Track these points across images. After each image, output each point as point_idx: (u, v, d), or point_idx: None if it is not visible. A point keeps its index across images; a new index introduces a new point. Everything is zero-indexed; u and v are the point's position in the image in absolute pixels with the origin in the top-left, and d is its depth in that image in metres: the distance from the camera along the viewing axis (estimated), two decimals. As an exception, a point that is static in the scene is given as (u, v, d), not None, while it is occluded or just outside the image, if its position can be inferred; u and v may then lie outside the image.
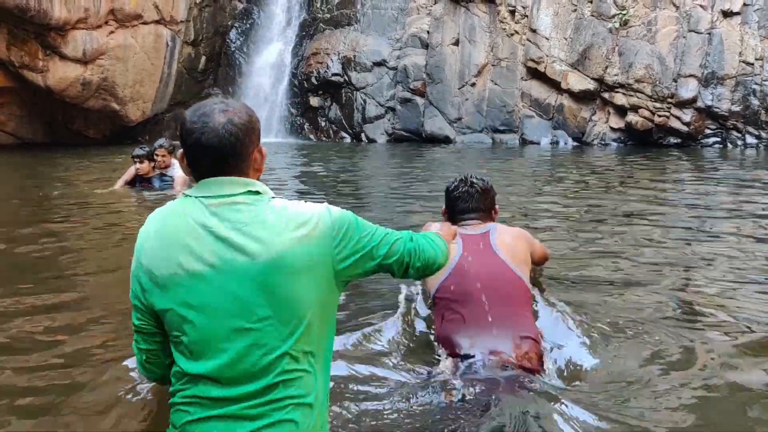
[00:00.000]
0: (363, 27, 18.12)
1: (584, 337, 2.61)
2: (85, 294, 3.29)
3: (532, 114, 15.86)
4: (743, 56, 13.57)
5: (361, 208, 5.71)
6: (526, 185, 8.39)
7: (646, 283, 3.52)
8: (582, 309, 2.96)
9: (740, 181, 8.20)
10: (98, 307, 2.96)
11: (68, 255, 4.21)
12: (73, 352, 2.47)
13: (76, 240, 4.74)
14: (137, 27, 15.64)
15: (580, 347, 2.54)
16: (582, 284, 3.46)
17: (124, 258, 3.89)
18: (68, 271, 3.80)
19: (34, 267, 3.87)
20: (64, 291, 3.30)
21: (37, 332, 2.69)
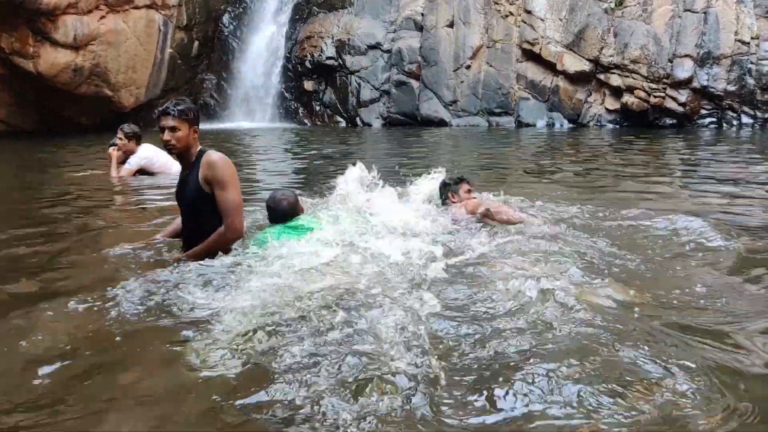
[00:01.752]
0: (357, 10, 17.98)
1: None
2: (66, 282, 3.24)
3: (528, 96, 15.79)
4: (739, 35, 13.53)
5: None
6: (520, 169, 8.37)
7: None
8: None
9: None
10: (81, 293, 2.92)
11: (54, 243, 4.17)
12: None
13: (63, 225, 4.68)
14: (129, 12, 15.48)
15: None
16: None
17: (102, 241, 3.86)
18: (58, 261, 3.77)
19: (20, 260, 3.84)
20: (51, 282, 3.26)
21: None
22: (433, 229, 4.02)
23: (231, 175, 3.47)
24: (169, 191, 5.93)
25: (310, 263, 3.15)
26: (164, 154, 7.11)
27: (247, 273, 3.06)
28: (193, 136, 3.54)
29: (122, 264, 3.45)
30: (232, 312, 2.57)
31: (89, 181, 6.97)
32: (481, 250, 3.53)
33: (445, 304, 2.67)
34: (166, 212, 4.91)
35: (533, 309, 2.52)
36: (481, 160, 9.12)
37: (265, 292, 2.78)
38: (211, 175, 3.43)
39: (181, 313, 2.62)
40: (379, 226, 3.92)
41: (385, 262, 3.20)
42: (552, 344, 2.18)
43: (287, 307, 2.61)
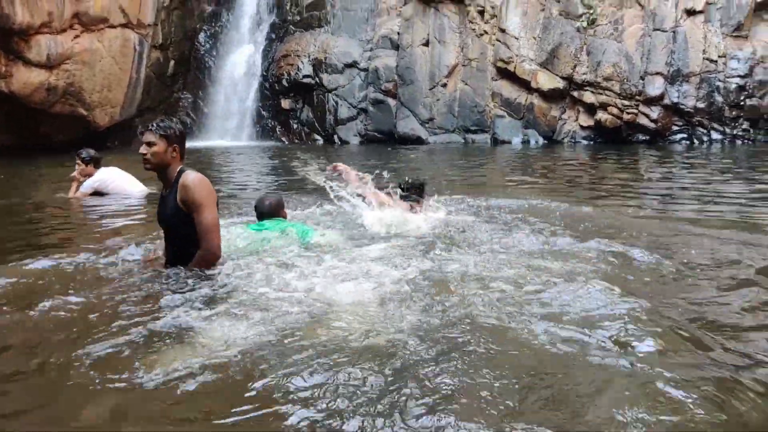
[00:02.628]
0: (333, 29, 18.10)
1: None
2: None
3: (503, 114, 15.96)
4: (707, 54, 13.83)
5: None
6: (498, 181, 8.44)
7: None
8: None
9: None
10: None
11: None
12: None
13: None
14: (103, 31, 15.39)
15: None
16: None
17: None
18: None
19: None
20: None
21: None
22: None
23: (206, 196, 3.47)
24: (112, 211, 6.05)
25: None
26: (121, 176, 7.25)
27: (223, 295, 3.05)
28: (171, 154, 3.53)
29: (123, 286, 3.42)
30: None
31: (46, 202, 7.03)
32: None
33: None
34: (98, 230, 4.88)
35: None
36: (458, 173, 9.19)
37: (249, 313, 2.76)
38: (187, 197, 3.43)
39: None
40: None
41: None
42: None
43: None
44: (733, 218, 5.16)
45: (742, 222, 4.96)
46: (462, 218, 4.97)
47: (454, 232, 4.51)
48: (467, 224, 4.73)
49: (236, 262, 3.70)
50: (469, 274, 3.40)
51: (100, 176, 7.17)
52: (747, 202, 6.02)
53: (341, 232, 4.51)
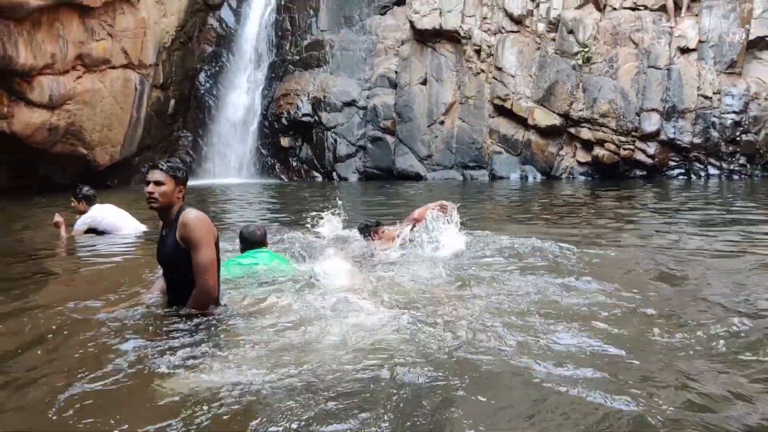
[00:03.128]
0: (332, 68, 18.34)
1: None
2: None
3: (501, 150, 16.07)
4: (701, 90, 13.98)
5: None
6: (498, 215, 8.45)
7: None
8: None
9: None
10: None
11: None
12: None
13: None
14: (105, 72, 15.59)
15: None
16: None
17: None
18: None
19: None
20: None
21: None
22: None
23: (204, 234, 3.46)
24: (102, 252, 6.04)
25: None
26: (115, 213, 7.24)
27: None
28: (177, 194, 3.56)
29: (117, 328, 3.39)
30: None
31: (44, 242, 6.99)
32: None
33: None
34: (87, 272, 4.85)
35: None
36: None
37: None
38: (186, 235, 3.44)
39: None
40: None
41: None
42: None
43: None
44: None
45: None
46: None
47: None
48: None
49: (233, 300, 3.72)
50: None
51: (92, 213, 7.15)
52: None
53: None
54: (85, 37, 14.69)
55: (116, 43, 15.54)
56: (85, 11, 14.49)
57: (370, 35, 18.31)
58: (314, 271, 4.31)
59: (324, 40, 18.68)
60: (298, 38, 19.11)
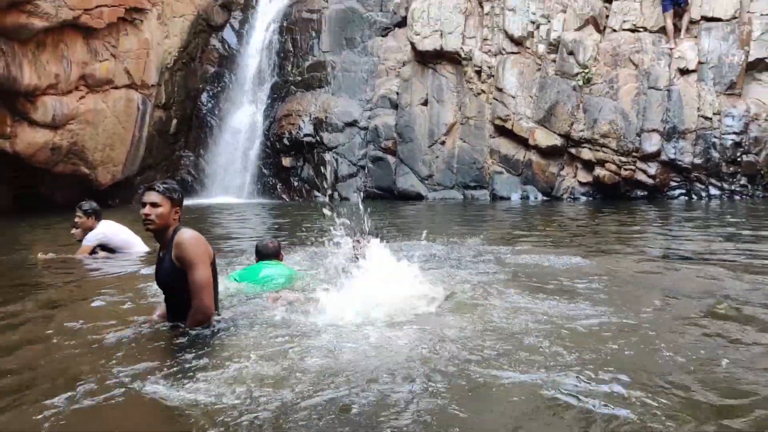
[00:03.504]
0: (334, 89, 18.46)
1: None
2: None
3: (502, 170, 16.09)
4: (701, 111, 14.04)
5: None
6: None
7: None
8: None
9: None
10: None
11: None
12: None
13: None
14: (108, 92, 15.70)
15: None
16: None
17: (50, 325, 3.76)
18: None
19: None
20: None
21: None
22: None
23: (200, 254, 3.48)
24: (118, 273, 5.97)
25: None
26: (125, 231, 7.13)
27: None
28: (173, 216, 3.58)
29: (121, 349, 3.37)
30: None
31: (50, 264, 6.86)
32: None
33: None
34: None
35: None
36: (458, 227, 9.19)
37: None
38: (181, 254, 3.45)
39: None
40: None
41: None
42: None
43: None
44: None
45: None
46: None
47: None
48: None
49: (231, 316, 3.75)
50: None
51: (102, 230, 6.96)
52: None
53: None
54: (89, 57, 14.81)
55: (119, 64, 15.66)
56: (89, 32, 14.63)
57: (371, 56, 18.45)
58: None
59: (326, 62, 18.83)
60: (300, 59, 19.26)
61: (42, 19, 12.91)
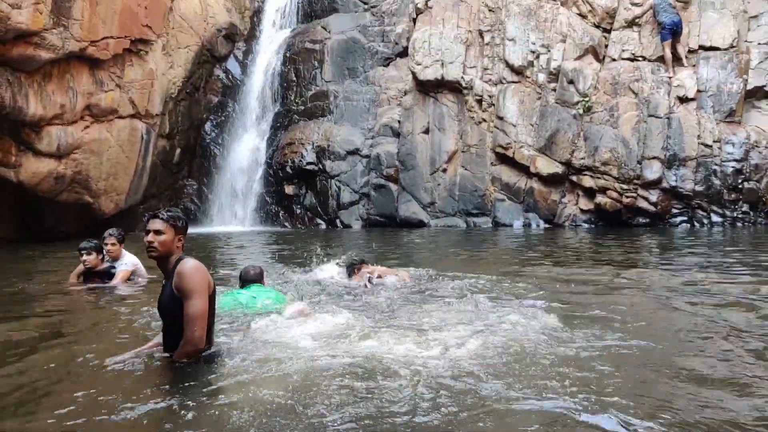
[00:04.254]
0: (336, 118, 18.62)
1: None
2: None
3: (503, 197, 16.13)
4: (702, 139, 14.10)
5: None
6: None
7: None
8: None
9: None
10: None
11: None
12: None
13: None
14: (113, 121, 15.86)
15: None
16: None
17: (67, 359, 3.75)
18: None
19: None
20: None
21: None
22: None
23: (198, 284, 3.47)
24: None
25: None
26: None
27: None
28: (177, 244, 3.59)
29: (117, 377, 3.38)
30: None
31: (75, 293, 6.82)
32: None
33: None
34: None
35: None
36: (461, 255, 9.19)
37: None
38: (180, 285, 3.45)
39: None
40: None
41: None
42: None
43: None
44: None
45: None
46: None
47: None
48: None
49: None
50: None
51: (132, 259, 6.97)
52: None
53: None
54: (94, 88, 15.00)
55: (124, 94, 15.85)
56: (95, 63, 14.83)
57: (373, 86, 18.64)
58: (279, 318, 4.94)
59: (328, 91, 19.02)
60: (303, 89, 19.46)
61: (49, 51, 13.10)
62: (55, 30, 13.03)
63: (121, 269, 6.79)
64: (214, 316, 3.70)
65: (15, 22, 12.02)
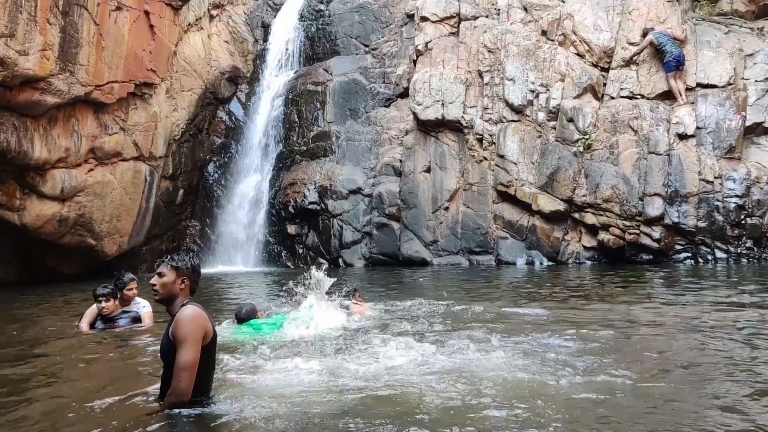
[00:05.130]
0: (338, 158, 18.75)
1: None
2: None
3: (506, 235, 16.13)
4: (702, 175, 14.15)
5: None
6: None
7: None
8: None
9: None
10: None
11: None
12: None
13: (34, 388, 4.52)
14: (117, 164, 15.97)
15: None
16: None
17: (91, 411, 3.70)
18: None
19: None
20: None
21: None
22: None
23: (191, 333, 3.43)
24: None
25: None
26: None
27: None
28: (179, 286, 3.59)
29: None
30: None
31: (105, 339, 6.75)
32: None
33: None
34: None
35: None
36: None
37: None
38: (174, 332, 3.44)
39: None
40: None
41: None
42: None
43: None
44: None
45: None
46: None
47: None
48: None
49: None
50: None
51: (145, 301, 7.03)
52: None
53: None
54: (99, 131, 15.15)
55: (128, 137, 16.01)
56: (99, 107, 15.02)
57: (374, 126, 18.82)
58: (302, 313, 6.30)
59: (330, 131, 19.20)
60: (305, 130, 19.65)
61: (55, 96, 13.27)
62: (62, 75, 13.23)
63: (146, 311, 6.89)
64: (213, 364, 3.66)
65: (22, 68, 12.21)
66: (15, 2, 11.94)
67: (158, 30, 16.56)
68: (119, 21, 14.97)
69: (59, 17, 13.01)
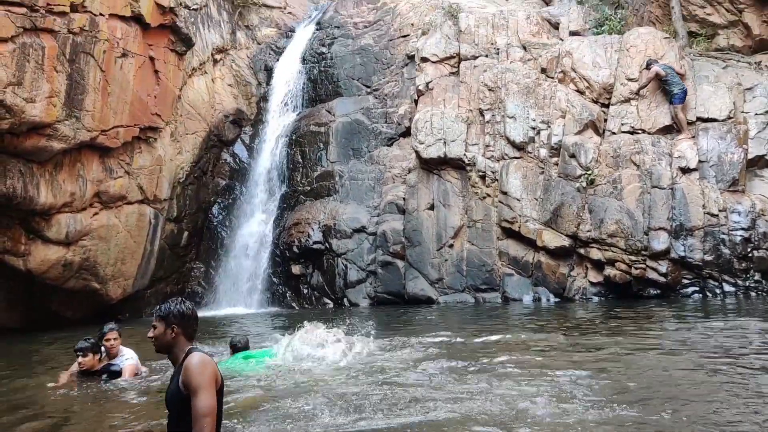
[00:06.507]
0: (342, 197, 18.81)
1: None
2: None
3: (512, 272, 16.05)
4: (707, 208, 14.13)
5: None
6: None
7: None
8: None
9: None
10: None
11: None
12: None
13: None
14: (121, 207, 16.03)
15: None
16: None
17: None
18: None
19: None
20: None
21: None
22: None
23: (205, 380, 3.43)
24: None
25: None
26: None
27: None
28: (171, 335, 3.63)
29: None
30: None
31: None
32: None
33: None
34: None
35: None
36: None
37: None
38: (186, 380, 3.41)
39: None
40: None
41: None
42: None
43: None
44: None
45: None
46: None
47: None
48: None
49: None
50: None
51: (132, 353, 6.91)
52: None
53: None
54: (104, 175, 15.26)
55: (133, 180, 16.11)
56: (105, 152, 15.16)
57: (377, 165, 18.93)
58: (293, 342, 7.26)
59: (334, 171, 19.31)
60: (309, 170, 19.77)
61: (61, 142, 13.41)
62: (68, 121, 13.39)
63: (128, 364, 6.68)
64: (221, 411, 3.64)
65: (29, 115, 12.38)
66: (23, 51, 12.17)
67: (163, 75, 16.81)
68: (125, 67, 15.22)
69: (66, 65, 13.23)
